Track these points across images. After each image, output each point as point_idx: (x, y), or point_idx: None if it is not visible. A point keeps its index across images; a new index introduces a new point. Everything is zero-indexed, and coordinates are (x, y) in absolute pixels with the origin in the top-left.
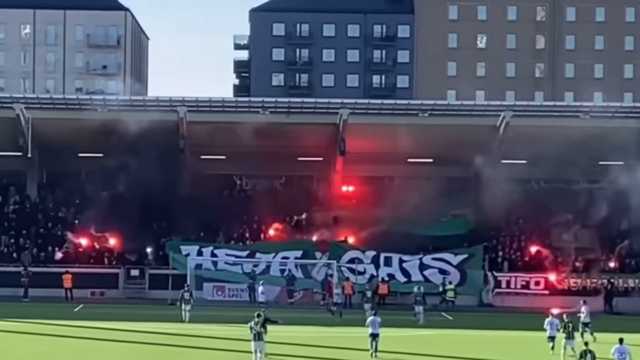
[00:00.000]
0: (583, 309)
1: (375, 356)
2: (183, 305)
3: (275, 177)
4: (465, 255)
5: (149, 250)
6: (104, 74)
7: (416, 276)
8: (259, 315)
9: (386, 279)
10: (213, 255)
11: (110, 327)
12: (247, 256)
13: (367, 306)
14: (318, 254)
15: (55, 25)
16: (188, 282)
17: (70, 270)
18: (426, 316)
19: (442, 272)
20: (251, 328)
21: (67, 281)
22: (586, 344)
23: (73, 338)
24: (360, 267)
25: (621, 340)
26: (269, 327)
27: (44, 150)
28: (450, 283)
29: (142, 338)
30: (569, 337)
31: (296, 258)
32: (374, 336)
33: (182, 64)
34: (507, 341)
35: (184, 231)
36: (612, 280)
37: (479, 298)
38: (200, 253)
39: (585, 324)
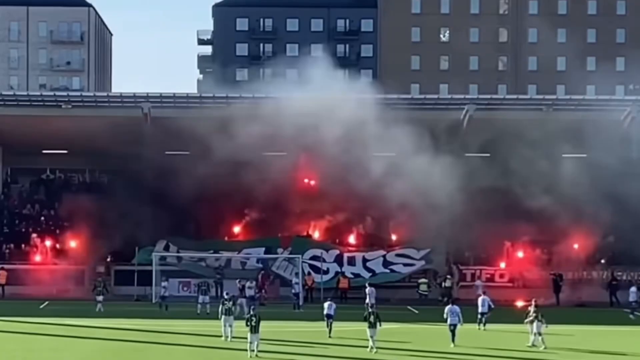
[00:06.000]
0: (367, 290)
1: (330, 337)
2: (97, 297)
3: (239, 172)
4: (428, 250)
5: None
6: (68, 71)
7: (380, 270)
8: (227, 293)
9: (350, 276)
10: (178, 252)
11: (77, 324)
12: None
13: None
14: (280, 250)
15: (18, 21)
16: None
17: (5, 267)
18: None
19: (407, 265)
20: (223, 303)
21: (2, 278)
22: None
23: (40, 335)
24: (324, 266)
25: (453, 302)
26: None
27: (8, 147)
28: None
29: (109, 335)
30: (372, 326)
31: (259, 255)
32: (329, 317)
33: (145, 60)
34: (472, 334)
35: (150, 229)
36: (556, 273)
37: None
38: (167, 247)
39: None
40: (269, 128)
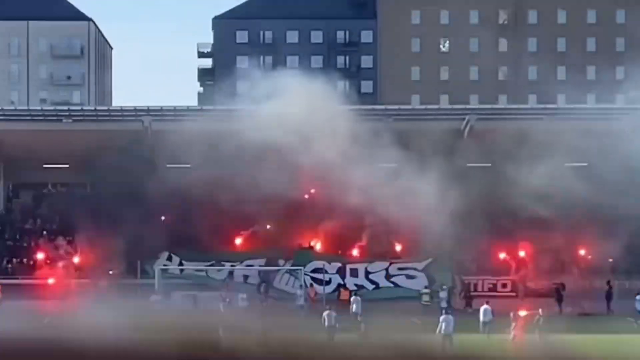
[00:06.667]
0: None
1: (332, 344)
2: None
3: (240, 184)
4: (430, 260)
5: None
6: (69, 85)
7: (384, 283)
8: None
9: (353, 287)
10: (181, 264)
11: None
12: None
13: None
14: (281, 262)
15: (18, 36)
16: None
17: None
18: None
19: (409, 277)
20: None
21: None
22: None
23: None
24: (326, 277)
25: (447, 311)
26: None
27: (9, 162)
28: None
29: None
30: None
31: (260, 266)
32: (331, 327)
33: (146, 73)
34: (474, 343)
35: (152, 242)
36: (559, 283)
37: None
38: (170, 259)
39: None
40: (268, 140)
